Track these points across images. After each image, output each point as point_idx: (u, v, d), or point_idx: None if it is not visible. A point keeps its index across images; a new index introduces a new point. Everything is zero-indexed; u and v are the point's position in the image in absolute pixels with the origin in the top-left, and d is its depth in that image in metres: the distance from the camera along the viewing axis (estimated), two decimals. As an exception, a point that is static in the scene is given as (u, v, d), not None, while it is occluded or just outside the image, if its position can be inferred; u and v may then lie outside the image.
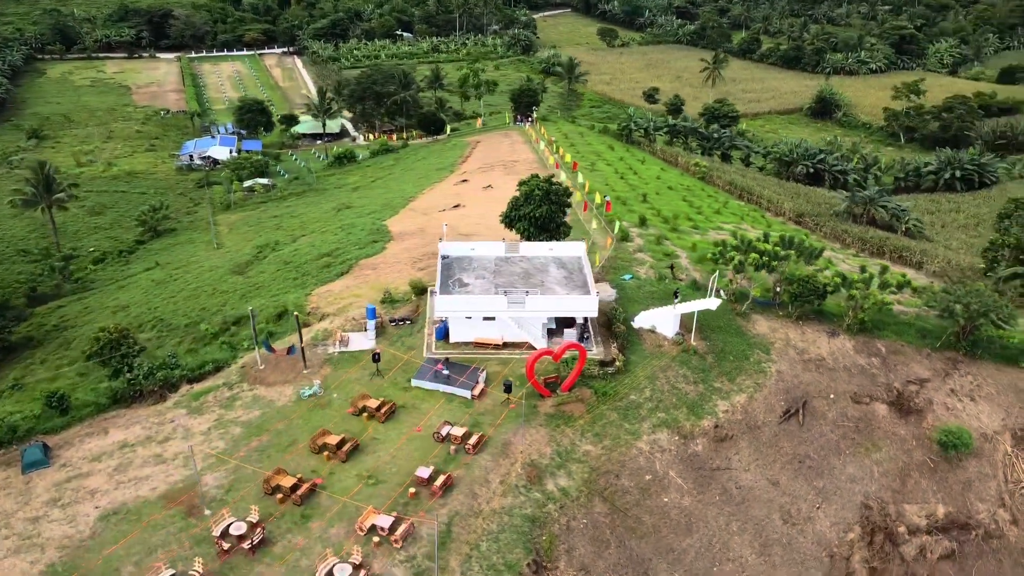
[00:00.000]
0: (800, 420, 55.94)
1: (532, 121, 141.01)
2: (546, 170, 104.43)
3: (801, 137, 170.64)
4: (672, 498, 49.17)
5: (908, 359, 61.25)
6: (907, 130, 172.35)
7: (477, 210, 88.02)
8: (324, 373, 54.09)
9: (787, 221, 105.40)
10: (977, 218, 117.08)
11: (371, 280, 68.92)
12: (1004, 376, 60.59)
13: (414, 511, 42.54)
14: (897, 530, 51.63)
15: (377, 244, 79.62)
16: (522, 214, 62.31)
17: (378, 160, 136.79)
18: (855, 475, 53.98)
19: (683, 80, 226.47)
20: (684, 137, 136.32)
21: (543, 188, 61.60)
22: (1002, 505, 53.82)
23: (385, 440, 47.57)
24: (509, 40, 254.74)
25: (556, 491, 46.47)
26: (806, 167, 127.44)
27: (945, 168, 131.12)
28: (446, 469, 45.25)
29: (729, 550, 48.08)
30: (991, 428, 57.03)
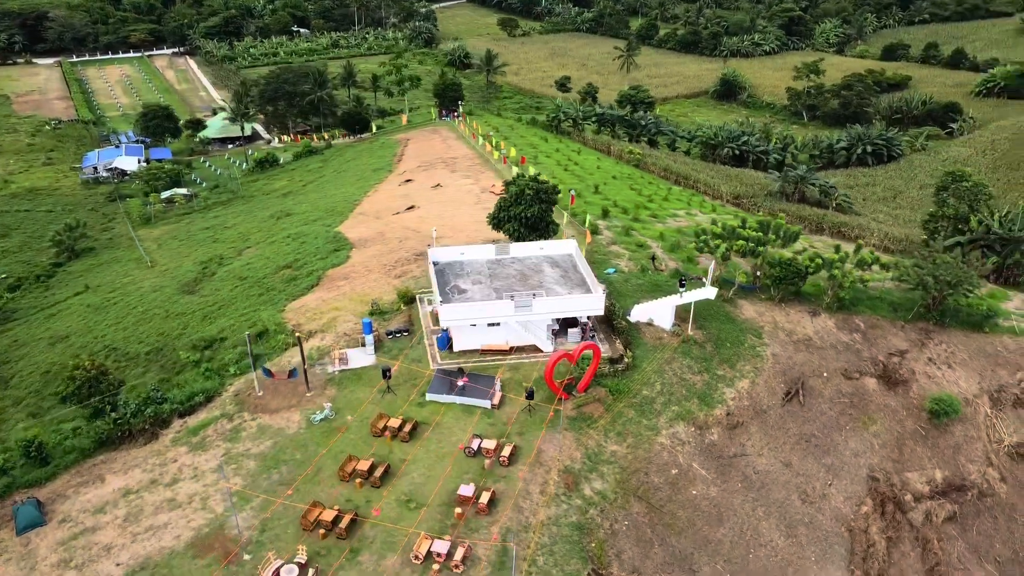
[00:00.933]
0: (800, 400, 57.45)
1: (458, 116, 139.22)
2: (489, 166, 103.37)
3: (708, 119, 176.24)
4: (700, 490, 49.53)
5: (886, 332, 63.89)
6: (809, 108, 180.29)
7: (433, 210, 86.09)
8: (330, 395, 51.54)
9: (725, 203, 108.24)
10: (893, 190, 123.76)
11: (347, 292, 66.25)
12: (972, 342, 64.07)
13: (466, 532, 41.11)
14: (904, 498, 53.84)
15: (340, 253, 76.62)
16: (512, 214, 61.16)
17: (303, 163, 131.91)
18: (858, 449, 55.91)
19: (589, 68, 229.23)
20: (611, 125, 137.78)
21: (533, 187, 60.60)
22: (990, 464, 56.96)
23: (415, 460, 45.76)
24: (410, 33, 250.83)
25: (594, 495, 45.95)
26: (732, 149, 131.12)
27: (856, 144, 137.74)
28: (485, 484, 43.96)
29: (760, 535, 48.86)
30: (970, 392, 60.21)
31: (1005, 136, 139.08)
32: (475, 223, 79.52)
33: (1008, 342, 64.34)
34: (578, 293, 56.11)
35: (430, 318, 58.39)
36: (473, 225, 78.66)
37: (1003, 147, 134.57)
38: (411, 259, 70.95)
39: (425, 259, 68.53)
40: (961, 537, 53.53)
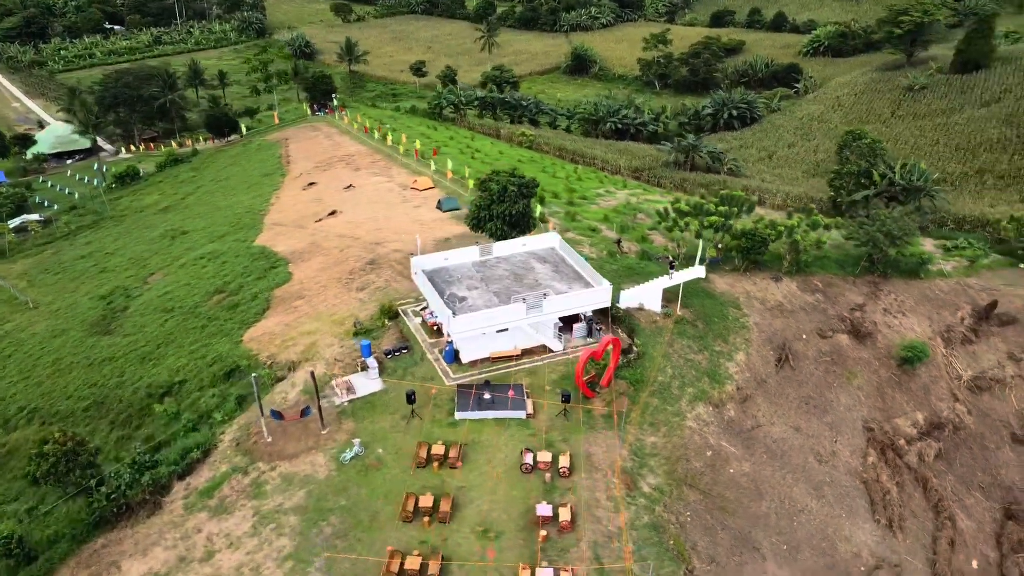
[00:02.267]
0: (792, 364, 59.58)
1: (332, 110, 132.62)
2: (394, 161, 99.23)
3: (566, 95, 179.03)
4: (735, 467, 50.20)
5: (842, 289, 67.52)
6: (660, 78, 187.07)
7: (360, 214, 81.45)
8: (348, 429, 47.41)
9: (626, 178, 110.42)
10: (766, 150, 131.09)
11: (311, 313, 61.28)
12: (913, 288, 69.06)
13: (557, 553, 39.21)
14: (898, 443, 57.33)
15: (277, 271, 70.77)
16: (495, 213, 58.59)
17: (170, 174, 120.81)
18: (849, 404, 58.86)
19: (435, 50, 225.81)
20: (493, 109, 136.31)
21: (515, 183, 58.31)
22: (956, 400, 61.79)
23: (473, 486, 43.04)
24: (239, 24, 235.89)
25: (652, 491, 45.36)
26: (613, 124, 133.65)
27: (721, 109, 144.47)
28: (555, 499, 42.16)
29: (795, 502, 50.29)
30: (924, 336, 64.91)
31: (847, 92, 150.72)
32: (415, 224, 76.08)
33: (942, 284, 69.91)
34: (578, 287, 54.89)
35: (424, 331, 55.13)
36: (414, 226, 75.12)
37: (848, 102, 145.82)
38: (365, 269, 66.73)
39: (392, 268, 64.80)
40: (949, 471, 57.79)
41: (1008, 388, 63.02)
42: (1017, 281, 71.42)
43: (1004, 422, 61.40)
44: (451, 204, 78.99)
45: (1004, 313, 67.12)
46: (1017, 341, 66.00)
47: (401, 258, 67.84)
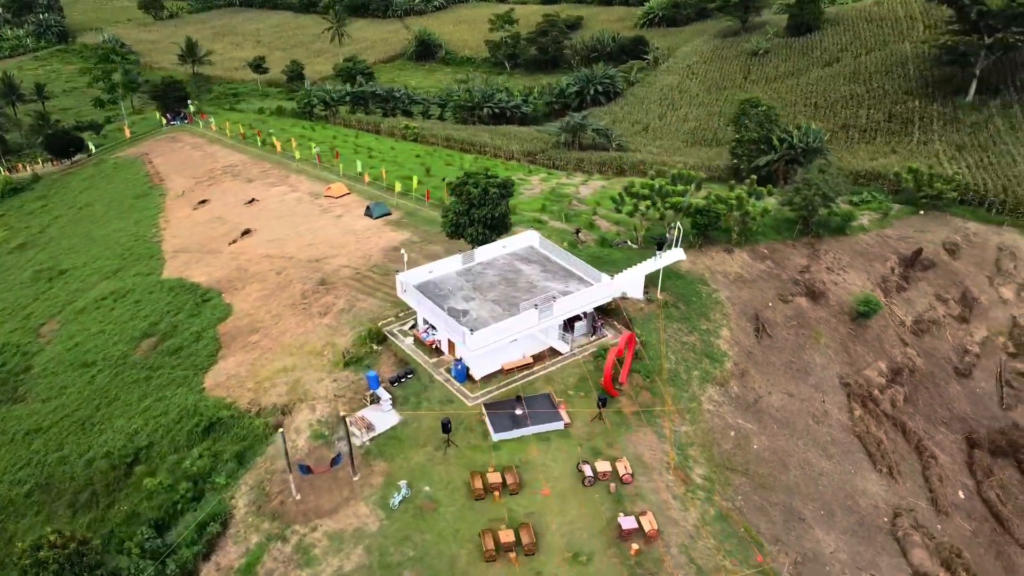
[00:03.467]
0: (768, 333, 61.46)
1: (190, 117, 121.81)
2: (286, 167, 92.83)
3: (417, 82, 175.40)
4: (757, 443, 51.14)
5: (786, 254, 70.40)
6: (510, 58, 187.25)
7: (279, 231, 75.26)
8: (381, 469, 43.56)
9: (521, 161, 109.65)
10: (640, 123, 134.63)
11: (274, 347, 55.87)
12: (844, 244, 73.25)
13: (655, 566, 38.07)
14: (873, 393, 60.77)
15: (211, 304, 64.01)
16: (476, 217, 55.48)
17: (13, 205, 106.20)
18: (823, 363, 61.62)
19: (266, 44, 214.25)
20: (365, 103, 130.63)
21: (495, 183, 55.46)
22: (905, 345, 66.33)
23: (542, 510, 40.86)
24: (35, 28, 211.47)
25: (705, 482, 45.24)
26: (490, 108, 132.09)
27: (587, 85, 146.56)
28: (630, 508, 40.94)
29: (812, 466, 52.08)
30: (866, 288, 69.07)
31: (696, 60, 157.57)
32: (348, 235, 71.40)
33: (866, 239, 74.65)
34: (575, 285, 53.49)
35: (422, 351, 51.70)
36: (349, 239, 70.53)
37: (700, 70, 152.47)
38: (318, 291, 61.71)
39: (348, 287, 60.31)
40: (916, 412, 62.04)
41: (943, 327, 68.45)
42: (924, 226, 77.60)
43: (946, 359, 66.69)
44: (382, 210, 74.72)
45: (924, 258, 72.74)
46: (940, 283, 71.81)
47: (353, 275, 63.36)
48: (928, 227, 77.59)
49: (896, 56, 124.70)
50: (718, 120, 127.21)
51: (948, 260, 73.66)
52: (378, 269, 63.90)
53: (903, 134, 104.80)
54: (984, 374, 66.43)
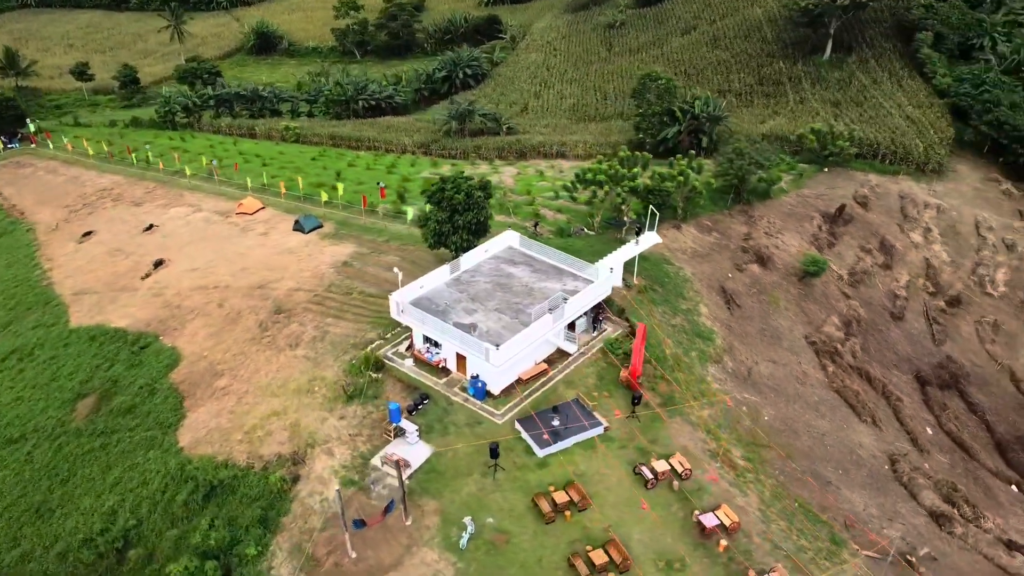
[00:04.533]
0: (737, 304, 62.98)
1: (34, 138, 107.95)
2: (176, 185, 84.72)
3: (266, 77, 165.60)
4: (766, 413, 52.33)
5: (727, 224, 72.35)
6: (359, 45, 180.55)
7: (199, 257, 68.31)
8: (431, 508, 40.53)
9: (416, 154, 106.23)
10: (518, 104, 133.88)
11: (251, 389, 50.68)
12: (772, 208, 76.25)
13: (744, 557, 37.87)
14: (836, 348, 63.88)
15: (152, 351, 57.13)
16: (460, 224, 52.25)
17: None
18: (788, 325, 64.03)
19: (79, 47, 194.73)
20: (229, 106, 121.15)
21: (478, 186, 52.40)
22: (848, 297, 70.15)
23: (619, 522, 39.54)
24: None
25: (746, 463, 45.68)
26: (366, 101, 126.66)
27: (455, 69, 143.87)
28: (700, 505, 40.53)
29: (814, 427, 54.02)
30: (802, 248, 72.35)
31: (554, 36, 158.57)
32: (283, 254, 66.08)
33: (788, 200, 78.12)
34: (571, 282, 52.08)
35: (428, 372, 48.58)
36: (290, 258, 65.24)
37: (561, 46, 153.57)
38: (279, 321, 56.62)
39: (311, 312, 55.75)
40: (872, 360, 65.90)
41: (873, 276, 73.01)
42: (832, 183, 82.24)
43: (882, 306, 71.23)
44: (312, 223, 69.51)
45: (845, 214, 77.12)
46: (860, 235, 76.45)
47: (311, 298, 58.61)
48: (836, 183, 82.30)
49: (751, 20, 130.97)
50: (595, 95, 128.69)
51: (863, 213, 78.56)
52: (337, 288, 59.45)
53: (777, 95, 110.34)
54: (914, 315, 71.58)
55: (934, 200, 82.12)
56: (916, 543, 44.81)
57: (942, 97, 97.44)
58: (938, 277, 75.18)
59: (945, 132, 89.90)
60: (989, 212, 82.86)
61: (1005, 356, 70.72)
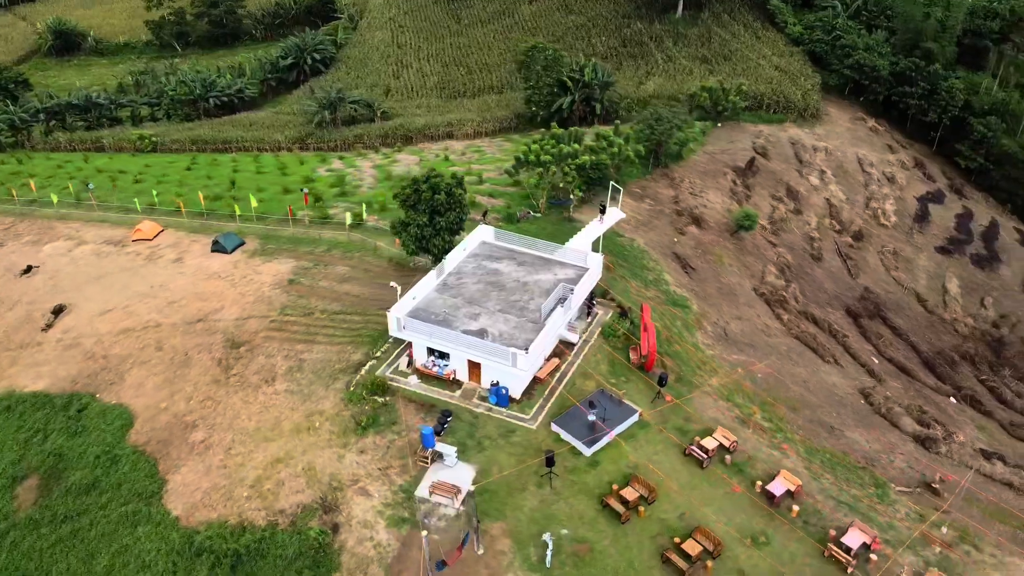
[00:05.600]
0: (691, 267, 64.13)
1: None
2: (38, 217, 74.68)
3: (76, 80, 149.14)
4: (758, 370, 53.77)
5: (654, 189, 73.36)
6: (179, 37, 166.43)
7: (107, 298, 60.21)
8: (497, 531, 38.26)
9: (292, 149, 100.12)
10: (380, 87, 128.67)
11: (236, 438, 45.57)
12: (687, 168, 78.10)
13: (815, 518, 38.75)
14: (784, 296, 66.79)
15: (92, 413, 49.90)
16: (443, 225, 48.73)
17: None
18: (738, 281, 66.12)
19: None
20: (61, 119, 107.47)
21: (456, 183, 48.96)
22: (774, 246, 73.36)
23: (690, 509, 39.10)
24: None
25: (771, 426, 46.75)
26: (216, 99, 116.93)
27: (301, 55, 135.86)
28: (759, 475, 41.02)
29: (796, 375, 56.24)
30: (724, 204, 74.74)
31: (396, 12, 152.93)
32: (216, 280, 59.90)
33: (698, 159, 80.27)
34: (560, 271, 50.60)
35: (439, 387, 45.68)
36: (222, 284, 59.20)
37: (406, 21, 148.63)
38: (241, 356, 51.22)
39: (274, 340, 50.98)
40: (810, 301, 69.52)
41: (789, 222, 76.86)
42: (731, 137, 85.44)
43: (802, 249, 75.22)
44: (234, 240, 63.21)
45: (753, 166, 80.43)
46: (769, 184, 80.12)
47: (267, 325, 53.46)
48: (733, 137, 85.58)
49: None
50: (458, 70, 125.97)
51: (764, 163, 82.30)
52: (293, 310, 54.51)
53: (643, 56, 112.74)
54: (829, 254, 76.22)
55: (821, 143, 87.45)
56: (923, 470, 47.87)
57: (797, 45, 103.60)
58: (840, 215, 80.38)
59: (812, 78, 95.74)
60: (865, 149, 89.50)
61: (908, 280, 77.08)
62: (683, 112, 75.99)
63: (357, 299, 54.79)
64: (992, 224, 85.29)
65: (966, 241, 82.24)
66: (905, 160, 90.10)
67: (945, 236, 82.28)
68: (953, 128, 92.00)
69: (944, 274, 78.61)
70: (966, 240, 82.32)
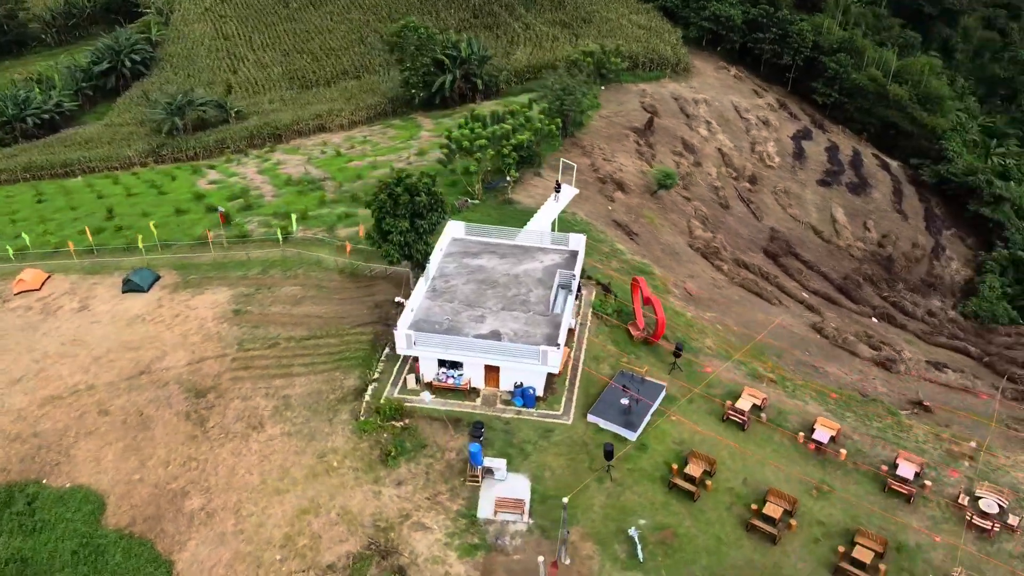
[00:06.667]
0: (635, 233, 64.56)
1: None
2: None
3: None
4: (731, 323, 55.21)
5: (570, 159, 72.69)
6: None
7: (14, 365, 51.66)
8: (576, 535, 36.77)
9: (151, 166, 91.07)
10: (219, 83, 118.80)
11: (241, 498, 40.77)
12: (591, 135, 78.09)
13: (861, 457, 40.43)
14: (714, 246, 68.93)
15: (47, 501, 42.78)
16: (424, 228, 44.98)
17: None
18: (673, 240, 67.52)
19: None
20: None
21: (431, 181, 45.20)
22: (688, 200, 75.37)
23: (751, 473, 39.48)
24: None
25: (772, 374, 48.09)
26: (35, 118, 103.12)
27: (118, 58, 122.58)
28: (796, 426, 42.15)
29: (759, 322, 57.90)
30: (625, 167, 75.59)
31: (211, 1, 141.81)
32: (141, 325, 53.16)
33: (597, 124, 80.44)
34: (546, 257, 49.03)
35: (458, 399, 43.06)
36: (153, 327, 52.57)
37: (227, 11, 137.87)
38: (213, 404, 45.77)
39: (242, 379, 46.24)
40: (735, 248, 72.23)
41: (694, 175, 79.25)
42: (618, 99, 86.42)
43: (710, 199, 77.90)
44: (148, 276, 56.07)
45: (651, 126, 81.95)
46: (665, 140, 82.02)
47: (229, 365, 48.13)
48: (620, 99, 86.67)
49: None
50: (304, 58, 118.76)
51: (658, 120, 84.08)
52: (253, 343, 49.34)
53: (499, 26, 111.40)
54: (734, 201, 79.52)
55: (699, 96, 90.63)
56: (900, 391, 51.37)
57: (648, 2, 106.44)
58: (733, 162, 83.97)
59: (674, 33, 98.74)
60: (737, 97, 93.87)
61: (803, 215, 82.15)
62: (584, 79, 75.69)
63: (322, 320, 50.38)
64: (856, 153, 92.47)
65: (839, 172, 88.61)
66: (772, 103, 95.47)
67: (822, 170, 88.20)
68: (806, 68, 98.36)
69: (829, 205, 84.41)
70: (839, 171, 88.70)
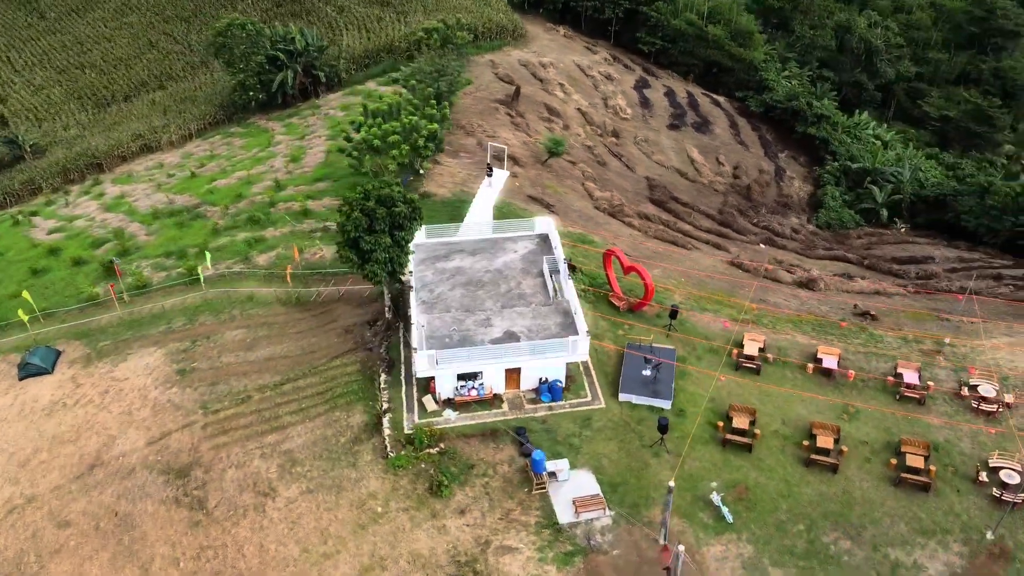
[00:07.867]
0: (550, 204, 64.35)
1: None
2: None
3: None
4: (680, 272, 57.05)
5: (456, 141, 70.97)
6: None
7: None
8: (657, 516, 36.77)
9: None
10: None
11: (291, 572, 36.82)
12: (463, 113, 76.28)
13: (949, 408, 43.68)
14: (617, 205, 70.35)
15: None
16: (405, 240, 41.21)
17: None
18: (582, 206, 67.91)
19: None
20: None
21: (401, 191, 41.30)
22: (574, 163, 76.11)
23: (784, 412, 41.29)
24: None
25: (755, 321, 50.35)
26: None
27: None
28: (798, 363, 44.58)
29: (694, 266, 60.37)
30: (515, 139, 75.16)
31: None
32: (60, 415, 45.50)
33: (466, 102, 78.76)
34: (523, 245, 47.66)
35: (483, 409, 41.10)
36: (73, 416, 45.12)
37: None
38: (206, 483, 40.33)
39: (220, 442, 41.67)
40: (626, 203, 74.09)
41: (570, 138, 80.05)
42: (472, 73, 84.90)
43: (589, 159, 79.08)
44: (49, 354, 47.59)
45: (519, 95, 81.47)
46: (532, 108, 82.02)
47: (204, 435, 42.53)
48: (472, 73, 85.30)
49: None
50: (88, 74, 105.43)
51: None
52: (221, 401, 43.92)
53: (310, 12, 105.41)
54: (608, 157, 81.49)
55: (545, 60, 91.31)
56: (837, 307, 55.79)
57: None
58: (593, 120, 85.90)
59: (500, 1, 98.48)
60: (576, 56, 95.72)
61: (666, 160, 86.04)
62: (456, 60, 73.47)
63: (290, 360, 45.73)
64: (690, 95, 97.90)
65: (682, 114, 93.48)
66: (608, 57, 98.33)
67: (668, 114, 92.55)
68: (626, 20, 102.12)
69: (684, 147, 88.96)
70: (682, 113, 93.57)
